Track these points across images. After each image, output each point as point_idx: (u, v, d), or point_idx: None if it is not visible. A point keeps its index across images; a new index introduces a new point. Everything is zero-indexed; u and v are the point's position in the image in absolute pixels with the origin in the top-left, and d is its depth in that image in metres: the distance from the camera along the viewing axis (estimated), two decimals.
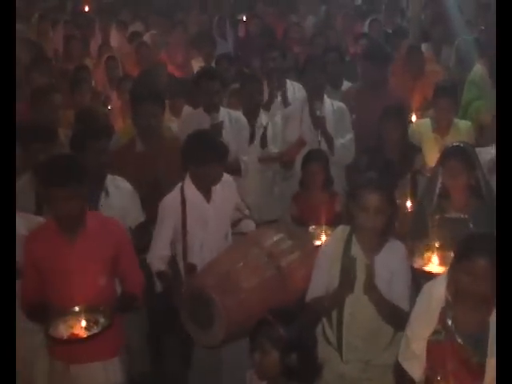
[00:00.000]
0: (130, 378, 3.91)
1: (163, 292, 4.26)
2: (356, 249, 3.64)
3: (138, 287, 3.84)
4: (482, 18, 9.36)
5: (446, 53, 7.85)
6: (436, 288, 3.18)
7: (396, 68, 6.63)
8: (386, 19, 9.81)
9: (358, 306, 3.58)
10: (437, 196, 4.21)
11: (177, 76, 7.42)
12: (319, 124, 5.46)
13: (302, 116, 5.60)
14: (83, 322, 3.53)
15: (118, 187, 4.41)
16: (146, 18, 10.64)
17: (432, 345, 3.10)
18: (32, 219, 3.91)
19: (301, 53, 8.06)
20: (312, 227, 4.59)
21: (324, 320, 3.73)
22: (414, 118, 6.09)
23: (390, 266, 3.57)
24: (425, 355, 3.13)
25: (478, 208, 4.08)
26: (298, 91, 6.32)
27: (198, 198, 4.32)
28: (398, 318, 3.50)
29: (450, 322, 3.06)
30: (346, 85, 6.58)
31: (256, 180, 5.64)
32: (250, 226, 4.62)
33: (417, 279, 3.81)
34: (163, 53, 8.58)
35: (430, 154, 5.06)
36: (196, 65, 8.10)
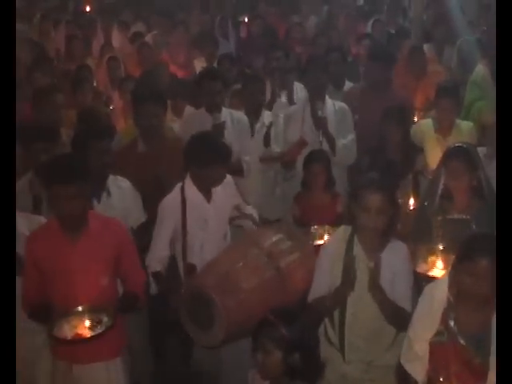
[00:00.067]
0: (132, 378, 3.90)
1: (159, 293, 4.24)
2: (358, 249, 3.63)
3: (140, 287, 3.84)
4: (483, 18, 9.34)
5: (448, 53, 7.82)
6: (438, 289, 3.17)
7: (398, 68, 6.62)
8: (388, 20, 9.81)
9: (360, 306, 3.57)
10: (439, 197, 4.20)
11: (179, 76, 7.42)
12: (321, 124, 5.45)
13: (304, 116, 5.60)
14: (87, 322, 3.52)
15: (119, 187, 4.41)
16: (147, 18, 10.63)
17: (434, 346, 3.10)
18: (34, 219, 3.91)
19: (303, 53, 8.04)
20: (314, 227, 4.59)
21: (326, 320, 3.72)
22: (416, 119, 6.09)
23: (392, 266, 3.56)
24: (427, 357, 3.13)
25: (481, 209, 4.07)
26: (301, 91, 6.32)
27: (198, 198, 4.31)
28: (401, 319, 3.50)
29: (452, 323, 3.06)
30: (348, 85, 6.58)
31: (258, 180, 5.63)
32: (249, 223, 4.61)
33: (418, 280, 3.79)
34: (165, 53, 8.57)
35: (432, 155, 5.05)
36: (198, 65, 8.09)
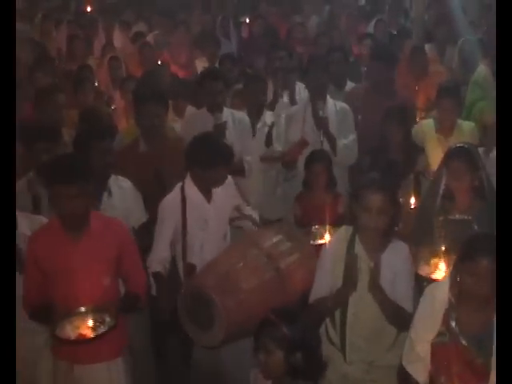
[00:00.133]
0: (133, 378, 3.90)
1: (158, 294, 4.24)
2: (359, 249, 3.63)
3: (142, 287, 3.84)
4: (485, 18, 9.32)
5: (449, 53, 7.80)
6: (439, 290, 3.17)
7: (400, 69, 6.62)
8: (390, 20, 9.79)
9: (361, 306, 3.57)
10: (440, 197, 4.19)
11: (180, 76, 7.42)
12: (322, 124, 5.45)
13: (305, 116, 5.59)
14: (90, 322, 3.52)
15: (121, 187, 4.41)
16: (149, 18, 10.64)
17: (436, 347, 3.09)
18: (35, 219, 3.90)
19: (304, 53, 8.03)
20: (315, 227, 4.59)
21: (327, 320, 3.72)
22: (417, 119, 6.08)
23: (393, 266, 3.57)
24: (429, 358, 3.12)
25: (482, 209, 4.06)
26: (303, 91, 6.31)
27: (198, 198, 4.31)
28: (401, 319, 3.50)
29: (453, 324, 3.05)
30: (350, 85, 6.58)
31: (259, 180, 5.63)
32: (248, 224, 4.61)
33: (419, 281, 3.79)
34: (166, 53, 8.58)
35: (434, 155, 5.04)
36: (200, 65, 8.10)
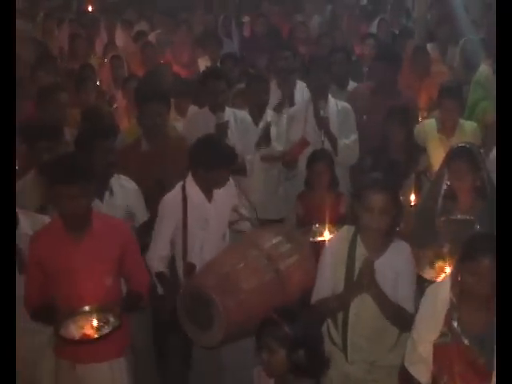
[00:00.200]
0: (135, 377, 3.90)
1: (165, 293, 4.25)
2: (361, 249, 3.63)
3: (144, 287, 3.84)
4: (487, 18, 9.31)
5: (451, 53, 7.79)
6: (440, 290, 3.16)
7: (402, 69, 6.61)
8: (392, 19, 9.78)
9: (362, 307, 3.57)
10: (442, 197, 4.19)
11: (182, 75, 7.42)
12: (323, 124, 5.44)
13: (307, 116, 5.59)
14: (94, 322, 3.52)
15: (122, 186, 4.41)
16: (151, 17, 10.65)
17: (438, 347, 3.09)
18: (37, 218, 3.90)
19: (306, 53, 8.03)
20: (315, 226, 4.59)
21: (329, 320, 3.72)
22: (419, 119, 6.08)
23: (394, 266, 3.56)
24: (431, 358, 3.12)
25: (484, 209, 4.05)
26: (305, 91, 6.30)
27: (200, 197, 4.31)
28: (403, 319, 3.49)
29: (455, 324, 3.05)
30: (352, 85, 6.57)
31: (261, 179, 5.63)
32: (247, 226, 4.61)
33: (420, 281, 3.78)
34: (168, 52, 8.58)
35: (435, 155, 5.04)
36: (202, 64, 8.10)
